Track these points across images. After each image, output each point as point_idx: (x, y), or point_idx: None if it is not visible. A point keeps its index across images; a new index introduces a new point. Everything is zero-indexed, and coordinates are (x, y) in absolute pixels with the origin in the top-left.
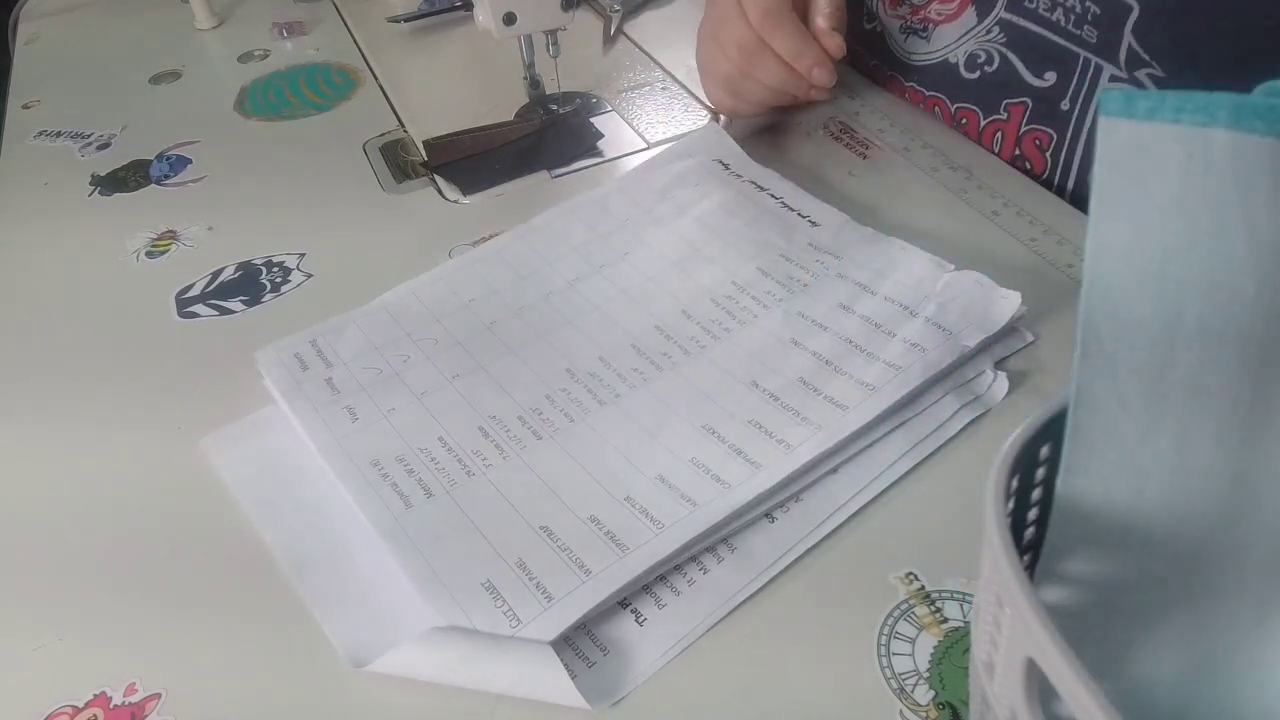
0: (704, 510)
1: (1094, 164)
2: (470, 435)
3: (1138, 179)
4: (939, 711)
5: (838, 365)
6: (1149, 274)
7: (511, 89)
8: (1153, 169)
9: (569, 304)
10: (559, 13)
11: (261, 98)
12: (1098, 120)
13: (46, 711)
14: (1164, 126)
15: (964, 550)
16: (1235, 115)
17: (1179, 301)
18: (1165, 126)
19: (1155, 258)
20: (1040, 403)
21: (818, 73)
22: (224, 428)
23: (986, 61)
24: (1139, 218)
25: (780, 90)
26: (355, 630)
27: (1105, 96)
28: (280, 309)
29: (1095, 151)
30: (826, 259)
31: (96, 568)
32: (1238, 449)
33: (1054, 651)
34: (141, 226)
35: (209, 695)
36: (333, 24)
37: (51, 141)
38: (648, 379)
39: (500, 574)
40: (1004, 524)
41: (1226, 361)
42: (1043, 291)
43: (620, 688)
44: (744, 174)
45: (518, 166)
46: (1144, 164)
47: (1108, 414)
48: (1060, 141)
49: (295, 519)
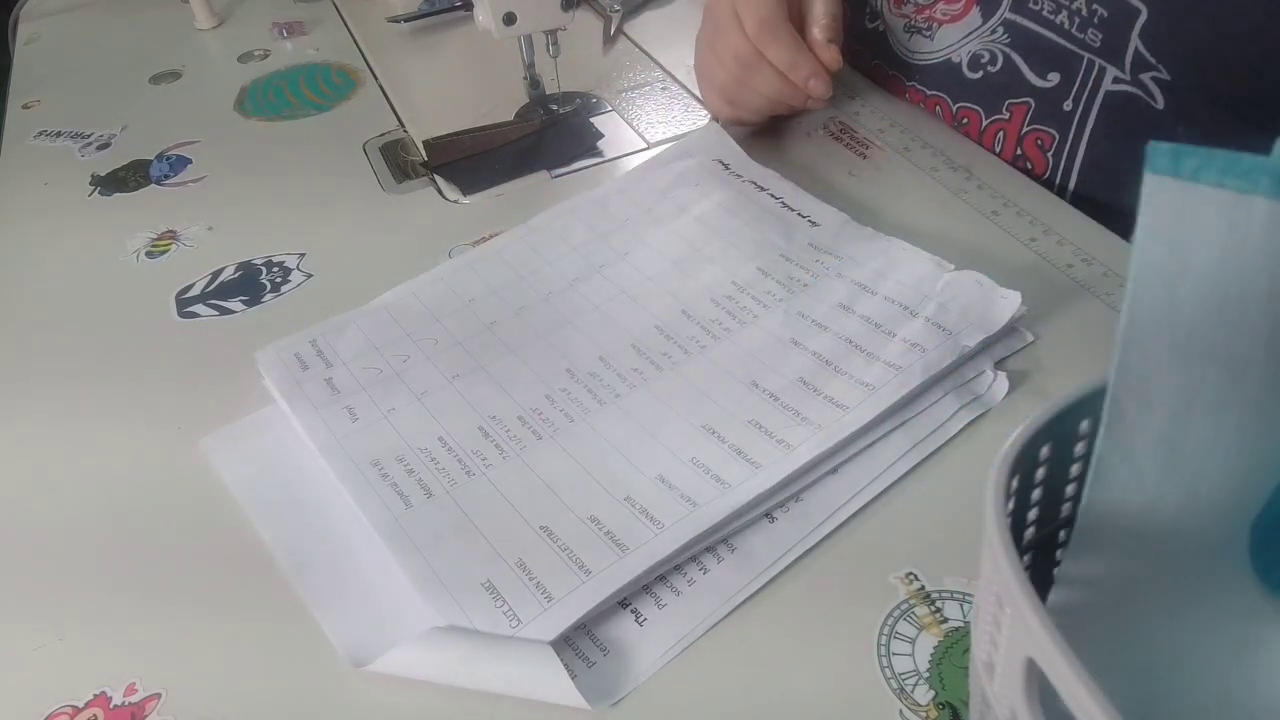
0: (704, 510)
1: (1136, 226)
2: (470, 435)
3: (1178, 248)
4: (939, 711)
5: (838, 365)
6: (1177, 346)
7: (511, 89)
8: (1194, 237)
9: (569, 304)
10: (559, 13)
11: (261, 98)
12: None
13: (46, 711)
14: (1208, 190)
15: (964, 550)
16: (1276, 183)
17: (1201, 374)
18: (1209, 190)
19: (1184, 330)
20: (1040, 403)
21: (814, 84)
22: (224, 428)
23: (990, 61)
24: (1174, 288)
25: (777, 100)
26: (355, 630)
27: (1153, 150)
28: (280, 309)
29: (1139, 210)
30: (826, 259)
31: (96, 568)
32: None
33: (1054, 651)
34: (141, 226)
35: (209, 695)
36: (333, 24)
37: (51, 141)
38: (648, 379)
39: (500, 574)
40: (1004, 524)
41: (1231, 429)
42: (1043, 291)
43: (620, 688)
44: (744, 174)
45: (518, 166)
46: (1185, 231)
47: (1122, 486)
48: (1062, 142)
49: (295, 519)
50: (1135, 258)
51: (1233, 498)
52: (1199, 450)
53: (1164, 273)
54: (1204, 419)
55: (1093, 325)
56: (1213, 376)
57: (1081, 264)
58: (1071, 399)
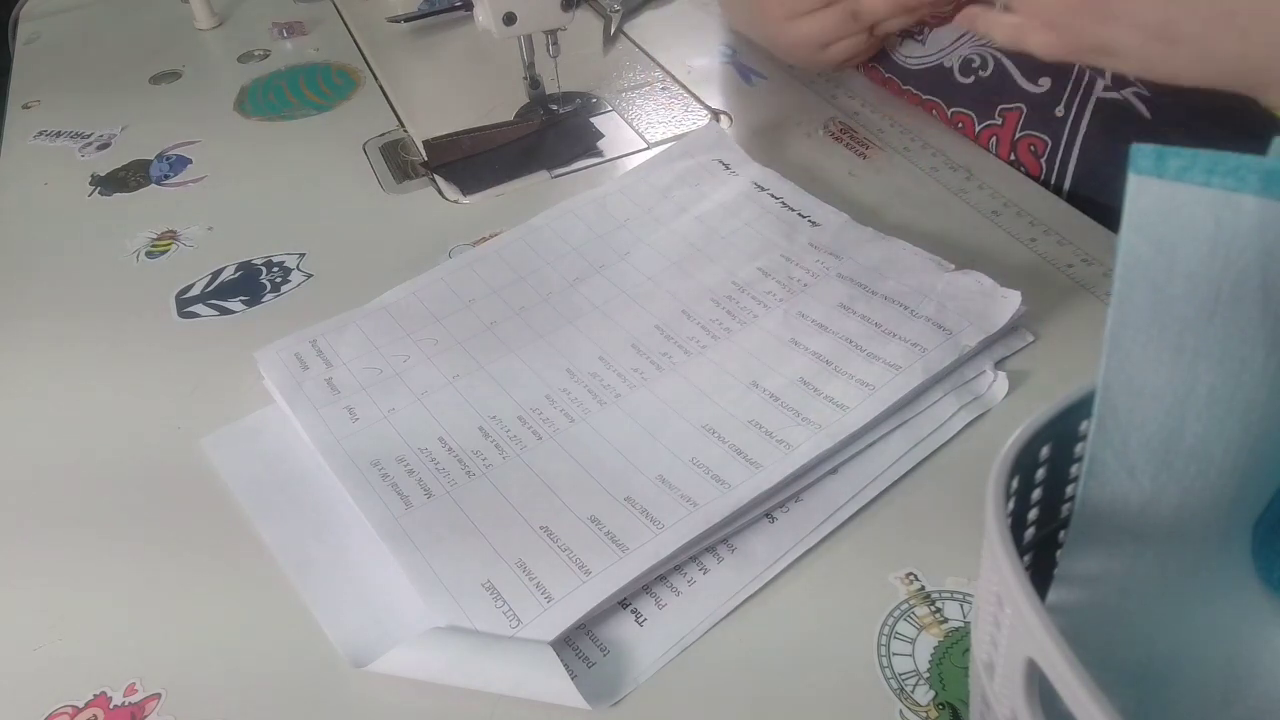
0: (704, 510)
1: (1121, 226)
2: (470, 435)
3: (1164, 247)
4: (939, 712)
5: (838, 365)
6: (1166, 344)
7: (511, 89)
8: (1180, 236)
9: (569, 304)
10: (559, 13)
11: (261, 98)
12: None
13: (46, 711)
14: (1194, 189)
15: (964, 550)
16: (1265, 181)
17: (1193, 372)
18: (1195, 189)
19: (1174, 328)
20: (1040, 403)
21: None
22: (224, 428)
23: (981, 66)
24: (1163, 288)
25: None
26: (355, 630)
27: (1137, 151)
28: (280, 309)
29: (1124, 212)
30: (827, 259)
31: (96, 568)
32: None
33: (1054, 651)
34: (141, 226)
35: (209, 695)
36: (333, 24)
37: (51, 141)
38: (648, 379)
39: (500, 574)
40: (1004, 524)
41: (1231, 429)
42: (1043, 291)
43: (620, 688)
44: (744, 174)
45: (518, 166)
46: (1172, 230)
47: (1116, 483)
48: (1055, 148)
49: (295, 519)
50: (1121, 257)
51: (1233, 496)
52: (1196, 449)
53: (1151, 272)
54: (1200, 418)
55: (1093, 325)
56: (1207, 375)
57: (1081, 264)
58: (1071, 399)
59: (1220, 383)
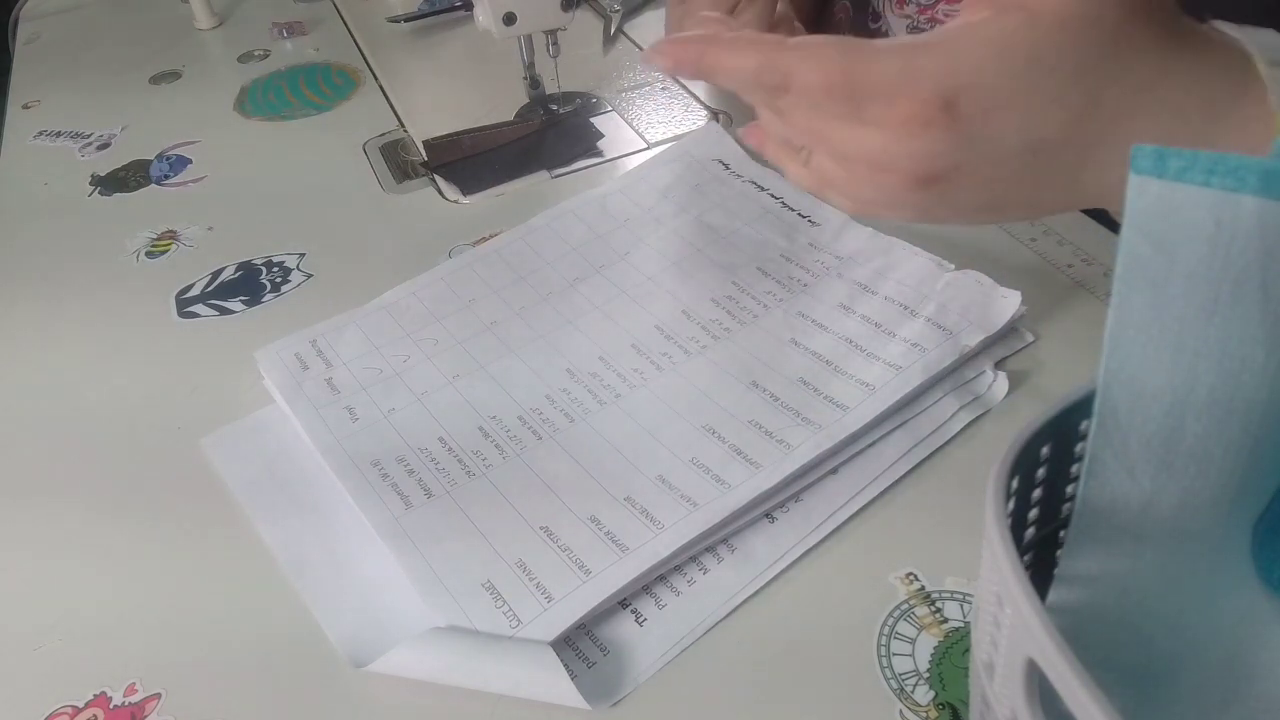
0: (704, 510)
1: (1121, 226)
2: (470, 435)
3: (1164, 246)
4: (939, 712)
5: (838, 365)
6: (1166, 344)
7: (511, 89)
8: (1180, 236)
9: (569, 304)
10: (559, 13)
11: (261, 98)
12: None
13: (46, 711)
14: (1194, 189)
15: (964, 550)
16: (1265, 181)
17: (1193, 372)
18: (1195, 189)
19: (1173, 328)
20: (1040, 403)
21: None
22: (224, 428)
23: None
24: (1163, 287)
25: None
26: (355, 630)
27: (1137, 151)
28: (280, 309)
29: (1124, 212)
30: (827, 259)
31: (96, 568)
32: (1229, 511)
33: (1054, 651)
34: (141, 226)
35: (209, 695)
36: (333, 24)
37: (51, 141)
38: (648, 379)
39: (500, 574)
40: (1004, 524)
41: (1231, 429)
42: (1043, 291)
43: (620, 688)
44: (744, 174)
45: (518, 166)
46: (1172, 230)
47: (1116, 483)
48: None
49: (295, 519)
50: (1121, 257)
51: (1233, 497)
52: (1196, 449)
53: (1151, 271)
54: (1200, 418)
55: (1093, 325)
56: (1207, 375)
57: (1081, 264)
58: (1071, 399)
59: (1220, 382)
